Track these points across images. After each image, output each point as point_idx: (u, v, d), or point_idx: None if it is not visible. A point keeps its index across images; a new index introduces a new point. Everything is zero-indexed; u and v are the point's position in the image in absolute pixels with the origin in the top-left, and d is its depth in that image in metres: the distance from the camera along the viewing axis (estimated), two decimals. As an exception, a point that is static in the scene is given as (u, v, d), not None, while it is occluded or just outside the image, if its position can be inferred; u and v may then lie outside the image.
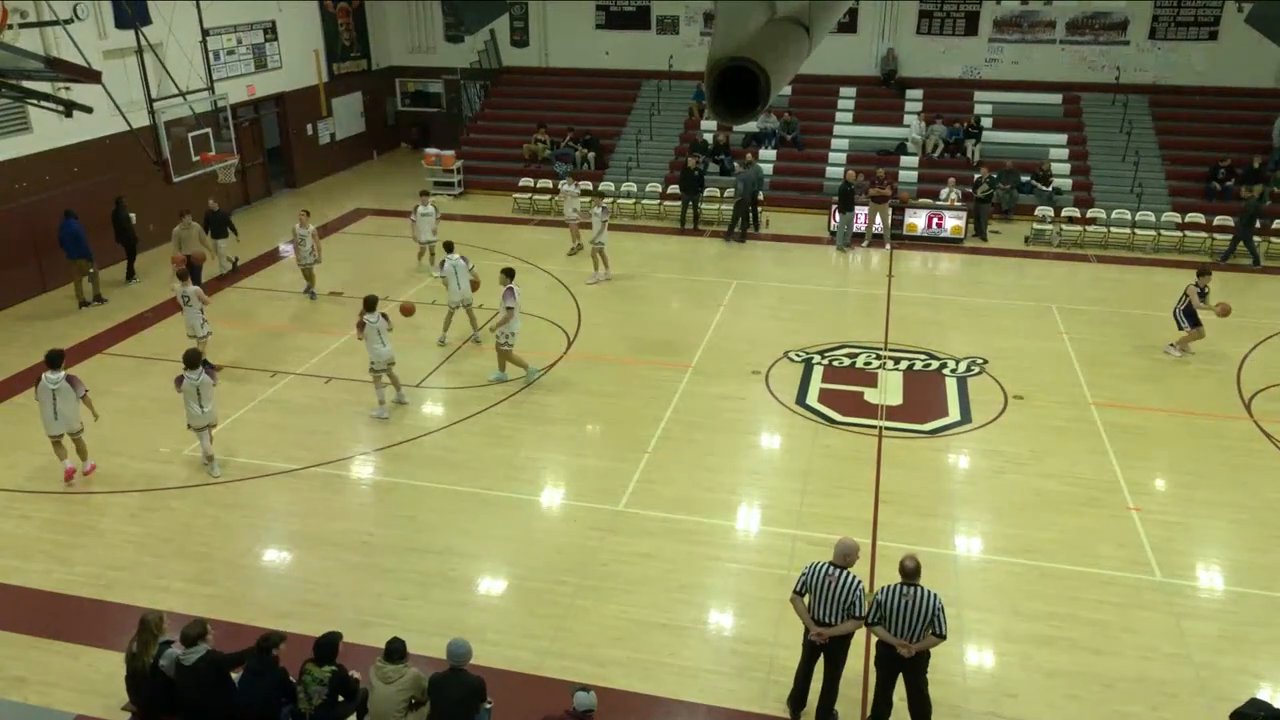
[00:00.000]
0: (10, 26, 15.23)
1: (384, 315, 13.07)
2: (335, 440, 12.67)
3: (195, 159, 16.86)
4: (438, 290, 17.60)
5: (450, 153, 25.12)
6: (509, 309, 13.55)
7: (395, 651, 7.24)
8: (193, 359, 11.60)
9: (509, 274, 13.85)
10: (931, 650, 7.53)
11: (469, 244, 18.30)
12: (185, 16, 17.03)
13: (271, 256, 20.21)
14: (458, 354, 15.21)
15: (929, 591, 7.42)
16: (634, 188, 23.45)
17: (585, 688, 6.97)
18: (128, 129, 15.22)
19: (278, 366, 14.72)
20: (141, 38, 15.12)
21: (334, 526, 10.82)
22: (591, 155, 24.59)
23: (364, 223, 22.59)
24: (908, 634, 7.41)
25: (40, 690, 8.36)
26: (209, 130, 17.53)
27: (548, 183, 23.72)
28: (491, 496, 11.39)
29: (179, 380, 11.62)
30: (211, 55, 18.21)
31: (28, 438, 12.51)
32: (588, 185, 22.81)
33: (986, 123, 24.17)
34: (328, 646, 7.35)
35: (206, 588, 9.78)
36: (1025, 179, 22.47)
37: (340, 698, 7.35)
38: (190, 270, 17.13)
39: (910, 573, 7.44)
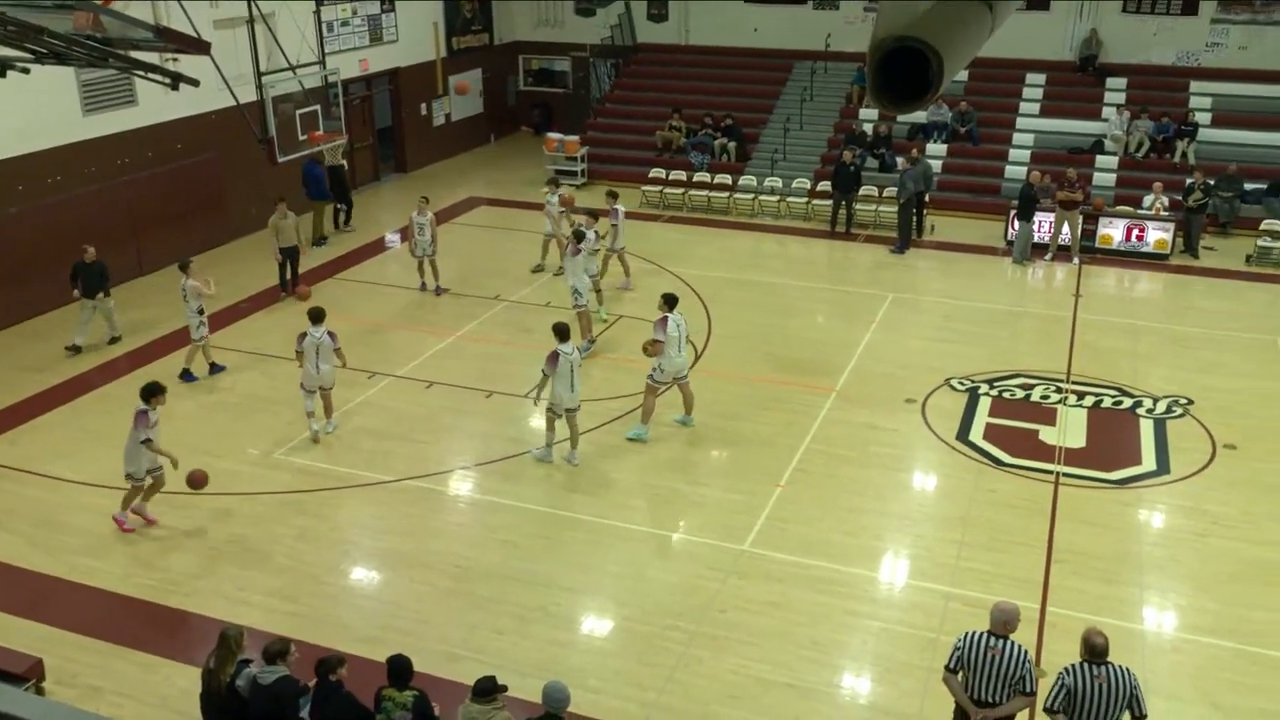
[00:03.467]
0: (122, -7, 16.29)
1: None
2: (433, 451, 13.04)
3: (302, 138, 17.61)
4: (551, 293, 17.91)
5: (575, 138, 25.51)
6: (658, 342, 12.84)
7: (485, 690, 7.37)
8: (318, 315, 12.70)
9: (670, 301, 13.19)
10: None
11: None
12: (300, -16, 17.90)
13: (377, 247, 20.97)
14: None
15: (1122, 668, 7.20)
16: (778, 183, 23.32)
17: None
18: (233, 104, 16.04)
19: (375, 367, 15.24)
20: (254, 7, 15.93)
21: (427, 547, 11.13)
22: (732, 145, 24.59)
23: (477, 213, 23.22)
24: None
25: (114, 702, 8.88)
26: (318, 107, 18.29)
27: (681, 174, 23.87)
28: (601, 525, 11.50)
29: (301, 337, 12.62)
30: (324, 26, 19.07)
31: (111, 431, 13.28)
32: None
33: (1204, 118, 23.09)
34: (404, 668, 7.57)
35: (289, 604, 10.20)
36: (1251, 187, 21.35)
37: (422, 728, 7.54)
38: (290, 264, 17.95)
39: (1100, 650, 7.23)
